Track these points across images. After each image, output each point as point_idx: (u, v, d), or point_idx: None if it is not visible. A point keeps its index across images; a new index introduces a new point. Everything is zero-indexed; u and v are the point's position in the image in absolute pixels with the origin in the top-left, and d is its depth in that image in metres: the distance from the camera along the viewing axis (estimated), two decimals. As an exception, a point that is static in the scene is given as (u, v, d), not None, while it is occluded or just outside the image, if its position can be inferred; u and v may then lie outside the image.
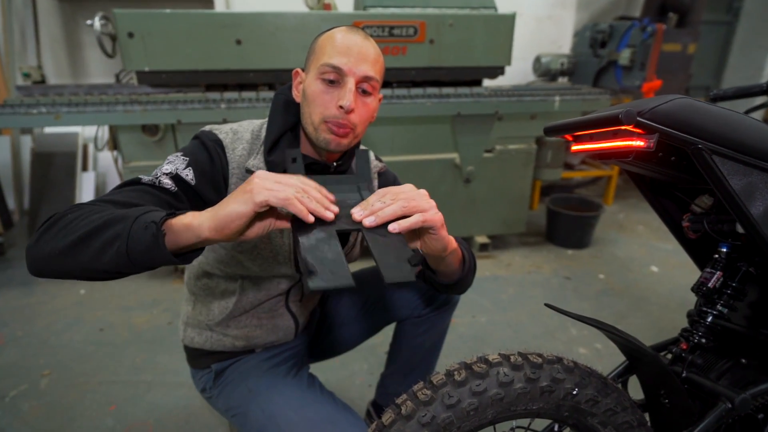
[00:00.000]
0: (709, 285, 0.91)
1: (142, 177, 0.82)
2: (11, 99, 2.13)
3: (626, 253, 2.90)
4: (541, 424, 0.88)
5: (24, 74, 2.73)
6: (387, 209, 0.72)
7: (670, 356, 0.95)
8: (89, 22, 2.35)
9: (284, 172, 0.89)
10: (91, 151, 3.35)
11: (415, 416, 0.69)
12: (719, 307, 0.91)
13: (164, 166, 0.85)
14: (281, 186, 0.65)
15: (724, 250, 0.91)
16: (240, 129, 0.96)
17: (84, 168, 3.25)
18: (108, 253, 0.65)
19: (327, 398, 1.04)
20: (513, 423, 0.82)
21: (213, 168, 0.90)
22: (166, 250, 0.64)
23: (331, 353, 1.35)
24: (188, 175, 0.85)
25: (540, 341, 2.01)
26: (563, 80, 3.63)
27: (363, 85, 0.87)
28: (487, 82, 2.72)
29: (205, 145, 0.91)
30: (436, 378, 0.73)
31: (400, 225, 0.71)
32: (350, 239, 1.07)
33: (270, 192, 0.64)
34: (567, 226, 2.92)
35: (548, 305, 0.87)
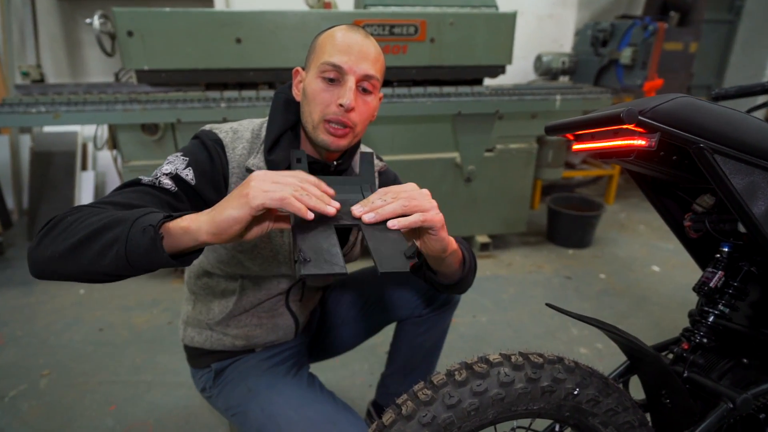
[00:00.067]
0: (711, 285, 0.90)
1: (142, 178, 0.82)
2: (10, 98, 2.13)
3: (627, 253, 2.90)
4: (542, 425, 0.88)
5: (23, 73, 2.72)
6: (387, 207, 0.71)
7: (672, 356, 0.95)
8: (88, 21, 2.35)
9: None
10: (91, 151, 3.35)
11: (416, 416, 0.69)
12: (721, 307, 0.91)
13: (164, 167, 0.85)
14: (278, 186, 0.64)
15: (726, 250, 0.91)
16: (240, 128, 0.96)
17: (83, 167, 3.24)
18: (107, 257, 0.65)
19: (327, 398, 1.04)
20: (514, 423, 0.82)
21: (213, 167, 0.89)
22: (165, 254, 0.64)
23: (332, 353, 1.35)
24: (188, 175, 0.85)
25: (541, 341, 2.01)
26: (564, 79, 3.62)
27: (363, 84, 0.87)
28: (488, 81, 2.71)
29: (205, 145, 0.91)
30: (437, 378, 0.73)
31: (400, 222, 0.71)
32: (350, 238, 1.06)
33: (266, 194, 0.63)
34: (568, 226, 2.92)
35: (549, 305, 0.87)
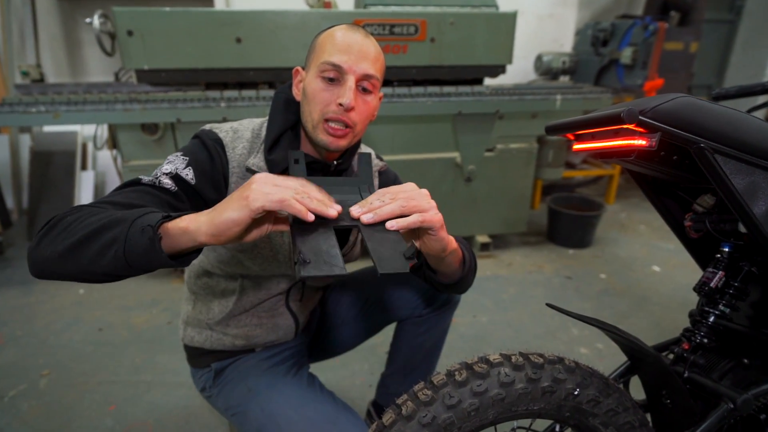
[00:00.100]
0: (711, 285, 0.90)
1: (142, 177, 0.82)
2: (10, 98, 2.12)
3: (628, 253, 2.89)
4: (543, 425, 0.88)
5: (23, 73, 2.72)
6: (385, 207, 0.71)
7: (672, 356, 0.95)
8: (88, 20, 2.35)
9: (285, 171, 0.89)
10: (90, 150, 3.35)
11: (416, 416, 0.69)
12: (721, 307, 0.91)
13: (164, 166, 0.85)
14: (278, 189, 0.64)
15: (727, 250, 0.91)
16: (240, 128, 0.96)
17: (83, 167, 3.24)
18: (106, 257, 0.65)
19: (327, 397, 1.04)
20: (514, 423, 0.82)
21: (213, 167, 0.89)
22: (163, 254, 0.64)
23: (332, 353, 1.34)
24: (188, 175, 0.85)
25: (541, 341, 2.01)
26: (565, 79, 3.62)
27: (363, 83, 0.87)
28: (489, 81, 2.71)
29: (205, 145, 0.91)
30: (437, 378, 0.73)
31: (398, 223, 0.71)
32: (350, 238, 1.06)
33: (267, 196, 0.63)
34: (568, 226, 2.92)
35: (549, 305, 0.87)
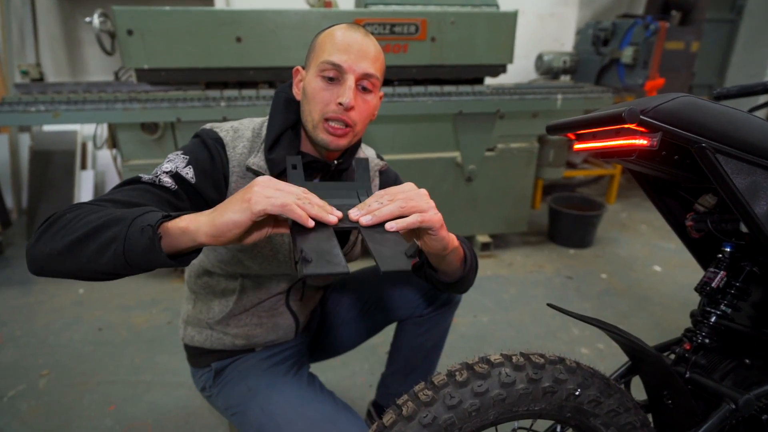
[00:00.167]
0: (713, 285, 0.90)
1: (143, 176, 0.82)
2: (9, 97, 2.12)
3: (629, 253, 2.89)
4: (544, 425, 0.88)
5: (22, 72, 2.71)
6: (384, 209, 0.71)
7: (674, 357, 0.94)
8: (88, 20, 2.34)
9: (284, 172, 0.89)
10: (90, 150, 3.35)
11: (417, 417, 0.69)
12: (723, 307, 0.90)
13: (164, 165, 0.85)
14: (281, 193, 0.65)
15: (728, 250, 0.90)
16: (240, 127, 0.96)
17: (83, 166, 3.24)
18: (105, 255, 0.65)
19: (327, 397, 1.04)
20: (515, 424, 0.82)
21: (213, 166, 0.89)
22: (163, 254, 0.64)
23: (332, 353, 1.34)
24: (188, 174, 0.85)
25: (542, 341, 2.00)
26: (565, 78, 3.62)
27: (363, 83, 0.87)
28: (489, 80, 2.71)
29: (206, 144, 0.91)
30: (438, 378, 0.72)
31: (398, 224, 0.71)
32: (351, 238, 1.06)
33: (268, 200, 0.63)
34: (569, 226, 2.92)
35: (550, 305, 0.87)
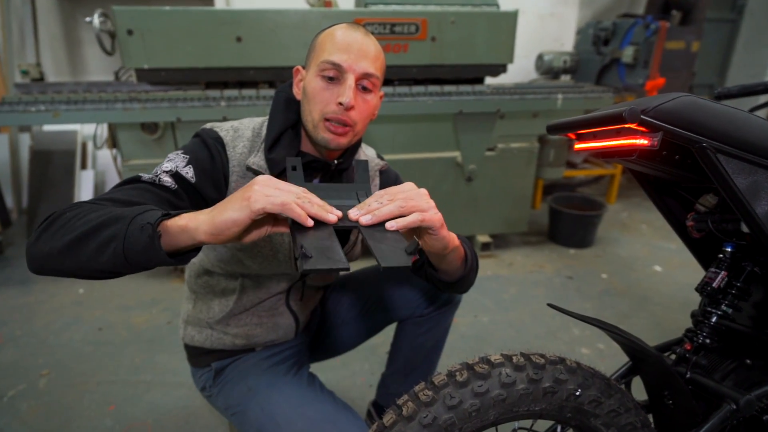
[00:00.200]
0: (714, 285, 0.90)
1: (143, 175, 0.82)
2: (9, 96, 2.12)
3: (629, 253, 2.89)
4: (544, 426, 0.87)
5: (22, 72, 2.71)
6: (384, 208, 0.71)
7: (674, 357, 0.94)
8: (88, 19, 2.34)
9: (284, 172, 0.89)
10: (90, 150, 3.35)
11: (417, 417, 0.68)
12: (724, 308, 0.90)
13: (164, 164, 0.85)
14: (280, 192, 0.65)
15: (729, 250, 0.90)
16: (241, 127, 0.96)
17: (83, 166, 3.24)
18: (105, 254, 0.65)
19: (327, 397, 1.04)
20: (515, 424, 0.82)
21: (213, 166, 0.89)
22: (162, 252, 0.64)
23: (332, 353, 1.34)
24: (188, 173, 0.85)
25: (542, 341, 2.00)
26: (566, 78, 3.61)
27: (363, 82, 0.87)
28: (489, 80, 2.70)
29: (206, 143, 0.91)
30: (438, 378, 0.72)
31: (398, 223, 0.71)
32: (351, 238, 1.06)
33: (268, 198, 0.63)
34: (569, 225, 2.91)
35: (551, 305, 0.87)
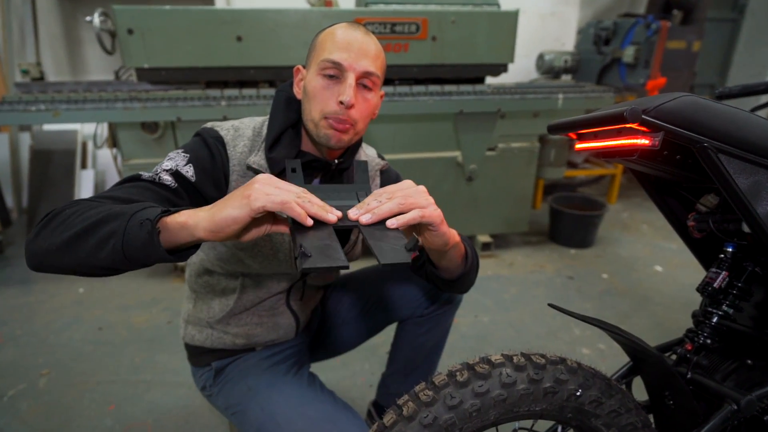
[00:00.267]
0: (715, 285, 0.90)
1: (143, 173, 0.82)
2: (10, 96, 2.12)
3: (630, 253, 2.88)
4: (544, 426, 0.87)
5: (22, 71, 2.71)
6: (383, 207, 0.71)
7: (675, 357, 0.94)
8: (88, 19, 2.34)
9: (284, 171, 0.89)
10: (90, 149, 3.35)
11: (417, 417, 0.68)
12: (725, 308, 0.90)
13: (165, 163, 0.85)
14: (280, 191, 0.65)
15: (730, 250, 0.90)
16: (241, 126, 0.96)
17: (83, 166, 3.24)
18: (104, 250, 0.65)
19: (327, 397, 1.04)
20: (516, 424, 0.82)
21: (214, 165, 0.89)
22: (161, 248, 0.64)
23: (333, 353, 1.34)
24: (189, 172, 0.85)
25: (543, 341, 2.00)
26: (567, 78, 3.61)
27: (363, 81, 0.87)
28: (490, 80, 2.70)
29: (206, 142, 0.91)
30: (438, 378, 0.72)
31: (398, 220, 0.71)
32: (351, 237, 1.06)
33: (268, 197, 0.63)
34: (570, 226, 2.91)
35: (551, 305, 0.86)
